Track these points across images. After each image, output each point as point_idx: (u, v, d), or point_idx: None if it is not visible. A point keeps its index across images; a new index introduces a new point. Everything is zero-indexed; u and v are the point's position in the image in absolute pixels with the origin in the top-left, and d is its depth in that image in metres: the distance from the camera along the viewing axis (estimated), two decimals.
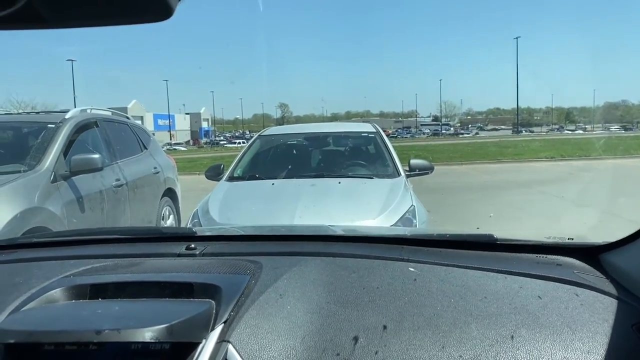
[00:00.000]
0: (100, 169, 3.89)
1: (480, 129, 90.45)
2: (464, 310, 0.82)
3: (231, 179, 4.11)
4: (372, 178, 3.92)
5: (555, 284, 0.92)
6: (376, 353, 0.73)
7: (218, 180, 4.15)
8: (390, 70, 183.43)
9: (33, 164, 3.48)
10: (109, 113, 5.06)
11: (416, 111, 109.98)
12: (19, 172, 3.36)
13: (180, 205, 5.84)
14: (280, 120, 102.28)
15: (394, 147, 4.45)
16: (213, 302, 0.81)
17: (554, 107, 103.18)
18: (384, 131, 5.11)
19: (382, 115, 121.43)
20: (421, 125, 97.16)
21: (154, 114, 64.22)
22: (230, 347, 0.73)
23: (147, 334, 0.70)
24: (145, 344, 0.72)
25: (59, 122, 3.94)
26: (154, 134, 6.31)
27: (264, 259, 1.04)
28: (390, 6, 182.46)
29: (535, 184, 10.59)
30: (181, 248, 1.16)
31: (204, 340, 0.74)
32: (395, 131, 79.73)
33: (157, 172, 5.28)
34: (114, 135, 4.71)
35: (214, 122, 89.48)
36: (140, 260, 1.12)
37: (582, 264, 1.03)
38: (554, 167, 15.29)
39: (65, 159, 3.73)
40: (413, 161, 4.16)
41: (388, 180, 3.82)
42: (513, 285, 0.91)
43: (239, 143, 52.48)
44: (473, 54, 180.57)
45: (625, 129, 66.08)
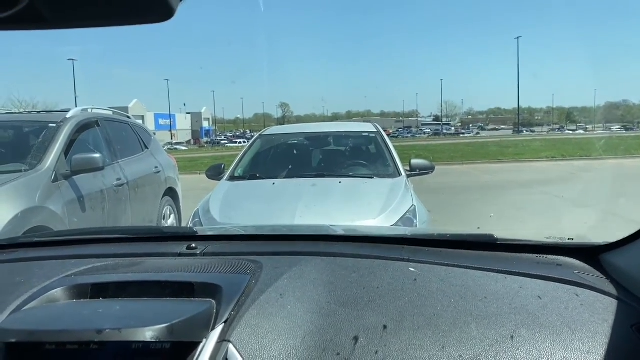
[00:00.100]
0: (102, 169, 3.90)
1: (481, 128, 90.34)
2: (464, 310, 0.82)
3: (232, 178, 4.12)
4: (372, 178, 3.92)
5: (556, 284, 0.92)
6: (376, 353, 0.73)
7: (219, 179, 4.16)
8: (391, 70, 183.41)
9: (34, 163, 3.49)
10: (110, 112, 5.06)
11: (417, 111, 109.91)
12: (20, 171, 3.36)
13: (181, 205, 5.85)
14: (281, 120, 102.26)
15: (395, 146, 4.45)
16: (214, 302, 0.82)
17: (555, 107, 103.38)
18: (385, 131, 5.11)
19: (383, 115, 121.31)
20: (422, 125, 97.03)
21: (155, 114, 64.22)
22: (230, 346, 0.73)
23: (148, 334, 0.71)
24: (146, 343, 0.72)
25: (60, 122, 3.94)
26: (155, 134, 6.32)
27: (264, 258, 1.04)
28: (391, 6, 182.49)
29: (536, 184, 10.58)
30: (182, 248, 1.17)
31: (204, 340, 0.74)
32: (396, 131, 79.61)
33: (158, 172, 5.29)
34: (115, 134, 4.71)
35: (215, 121, 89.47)
36: (141, 259, 1.12)
37: (582, 264, 1.03)
38: (555, 167, 15.26)
39: (66, 158, 3.73)
40: (414, 161, 4.15)
41: (389, 180, 3.82)
42: (513, 285, 0.91)
43: (239, 143, 52.50)
44: (474, 54, 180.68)
45: (626, 129, 65.98)
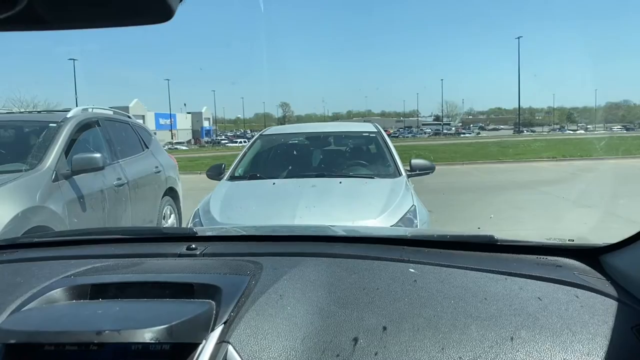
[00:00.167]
0: (102, 168, 3.90)
1: (482, 128, 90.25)
2: (464, 311, 0.82)
3: (232, 178, 4.12)
4: (373, 178, 3.91)
5: (556, 285, 0.92)
6: (376, 354, 0.73)
7: (219, 179, 4.16)
8: (391, 70, 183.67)
9: (34, 163, 3.49)
10: (111, 112, 5.06)
11: (418, 111, 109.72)
12: (21, 171, 3.37)
13: (181, 205, 5.85)
14: (282, 120, 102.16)
15: (395, 146, 4.45)
16: (213, 303, 0.81)
17: (555, 107, 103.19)
18: (386, 131, 5.11)
19: (383, 114, 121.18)
20: (423, 124, 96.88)
21: (155, 113, 64.22)
22: (230, 347, 0.73)
23: (147, 335, 0.71)
24: (146, 344, 0.72)
25: (61, 121, 3.95)
26: (155, 133, 6.32)
27: (264, 259, 1.04)
28: (391, 6, 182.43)
29: (537, 184, 10.57)
30: (182, 248, 1.16)
31: (204, 341, 0.74)
32: (397, 131, 79.61)
33: (159, 172, 5.29)
34: (115, 134, 4.72)
35: (215, 121, 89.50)
36: (141, 260, 1.12)
37: (583, 266, 1.03)
38: (555, 167, 15.26)
39: (66, 158, 3.73)
40: (414, 161, 4.15)
41: (389, 180, 3.82)
42: (513, 286, 0.91)
43: (240, 142, 52.49)
44: (475, 54, 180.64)
45: (626, 129, 65.93)
